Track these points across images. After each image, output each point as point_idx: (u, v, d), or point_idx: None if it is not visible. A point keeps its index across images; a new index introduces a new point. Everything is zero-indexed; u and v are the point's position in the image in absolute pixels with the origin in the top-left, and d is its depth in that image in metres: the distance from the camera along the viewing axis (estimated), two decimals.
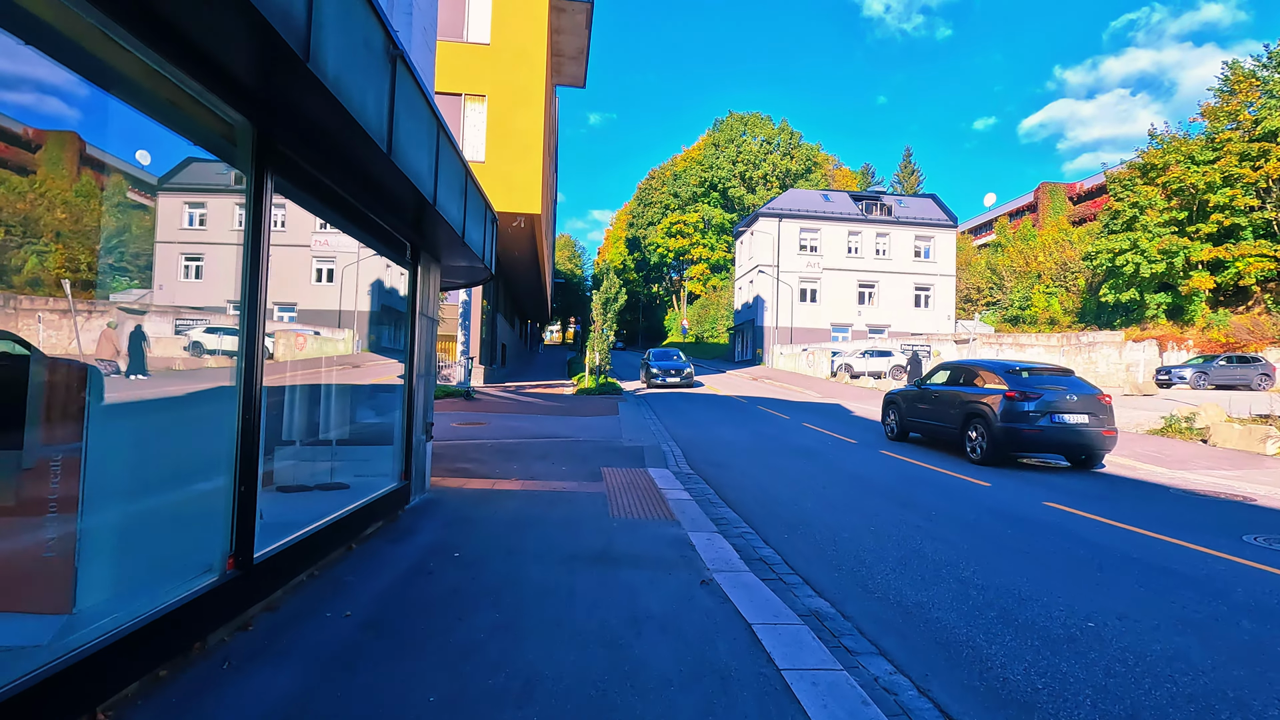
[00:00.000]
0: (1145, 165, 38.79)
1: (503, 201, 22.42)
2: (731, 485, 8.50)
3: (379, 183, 4.03)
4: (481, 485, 7.71)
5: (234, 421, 3.08)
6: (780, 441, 12.72)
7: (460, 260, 6.84)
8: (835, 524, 6.52)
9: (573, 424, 13.97)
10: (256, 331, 3.14)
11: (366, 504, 5.23)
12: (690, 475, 9.06)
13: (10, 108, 2.44)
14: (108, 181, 2.91)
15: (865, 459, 10.88)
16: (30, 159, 2.62)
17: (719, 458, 10.67)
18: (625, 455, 10.31)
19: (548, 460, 9.65)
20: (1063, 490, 8.61)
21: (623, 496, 7.40)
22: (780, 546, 5.72)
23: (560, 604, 3.99)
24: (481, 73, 22.64)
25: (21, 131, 2.56)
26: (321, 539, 4.41)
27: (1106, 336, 38.14)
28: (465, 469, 8.72)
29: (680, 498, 7.52)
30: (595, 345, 25.38)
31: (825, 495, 7.94)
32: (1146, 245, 37.27)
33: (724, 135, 77.49)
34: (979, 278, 57.80)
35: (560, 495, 7.31)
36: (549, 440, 11.51)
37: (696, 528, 6.13)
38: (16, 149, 2.57)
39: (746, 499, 7.72)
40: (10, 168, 2.51)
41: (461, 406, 16.62)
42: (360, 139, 3.28)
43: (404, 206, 4.66)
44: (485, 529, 5.70)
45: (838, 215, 48.28)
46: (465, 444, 10.87)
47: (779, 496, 7.86)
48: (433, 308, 6.70)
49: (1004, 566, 5.22)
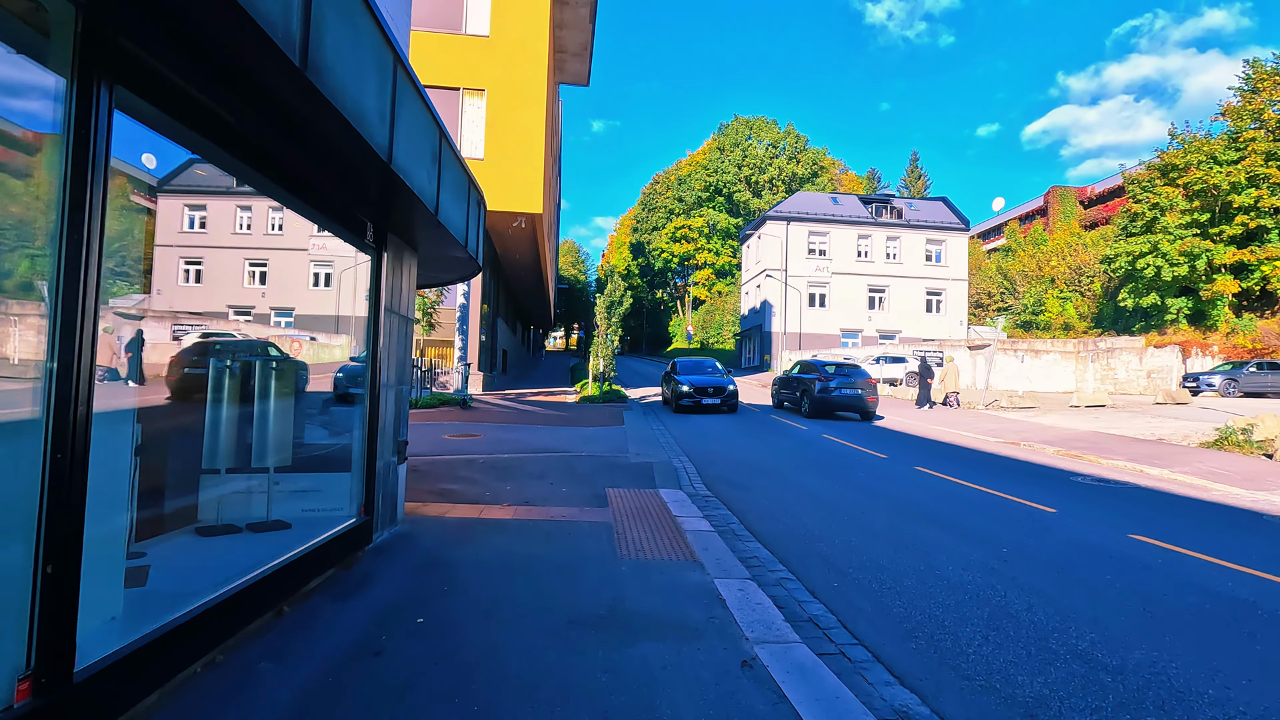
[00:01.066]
0: (1165, 166, 37.60)
1: (503, 200, 21.39)
2: (756, 511, 7.36)
3: (300, 119, 2.93)
4: (466, 513, 6.59)
5: (35, 469, 1.98)
6: (801, 456, 11.58)
7: (443, 249, 5.74)
8: (891, 565, 5.38)
9: (575, 436, 12.85)
10: (80, 333, 2.05)
11: (312, 549, 4.12)
12: (707, 498, 7.93)
13: None
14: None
15: (899, 477, 9.73)
16: None
17: (737, 476, 9.53)
18: (633, 473, 9.19)
19: (546, 480, 8.53)
20: (1144, 522, 7.46)
21: (632, 527, 6.27)
22: (831, 599, 4.59)
23: (552, 707, 2.87)
24: (480, 66, 21.65)
25: None
26: (238, 604, 3.30)
27: (1125, 342, 36.90)
28: (451, 491, 7.61)
29: (699, 528, 6.39)
30: (599, 351, 24.24)
31: (866, 523, 6.80)
32: (1167, 248, 36.06)
33: (729, 139, 76.51)
34: (990, 282, 56.59)
35: (559, 526, 6.19)
36: (548, 455, 10.39)
37: (724, 571, 5.00)
38: None
39: (776, 529, 6.58)
40: None
41: (456, 416, 15.52)
42: (253, 39, 2.18)
43: (349, 165, 3.56)
44: (463, 577, 4.59)
45: (847, 218, 47.14)
46: (455, 460, 9.76)
47: (813, 526, 6.72)
48: (406, 304, 5.60)
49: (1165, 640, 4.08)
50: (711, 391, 18.92)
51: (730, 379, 19.83)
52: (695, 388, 18.91)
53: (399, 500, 5.68)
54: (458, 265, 6.45)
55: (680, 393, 18.96)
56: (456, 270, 6.77)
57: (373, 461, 4.86)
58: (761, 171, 74.76)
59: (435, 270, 6.73)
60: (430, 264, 6.38)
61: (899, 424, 17.48)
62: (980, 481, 9.39)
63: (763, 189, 74.29)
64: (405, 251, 5.54)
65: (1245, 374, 27.88)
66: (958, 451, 12.64)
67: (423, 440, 11.63)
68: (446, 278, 7.45)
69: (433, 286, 7.80)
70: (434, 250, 5.78)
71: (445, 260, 6.19)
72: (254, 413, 4.25)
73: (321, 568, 4.27)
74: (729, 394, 19.03)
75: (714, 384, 19.18)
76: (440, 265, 6.46)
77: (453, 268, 6.63)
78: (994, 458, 12.00)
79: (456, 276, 7.32)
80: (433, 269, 6.71)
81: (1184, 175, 36.38)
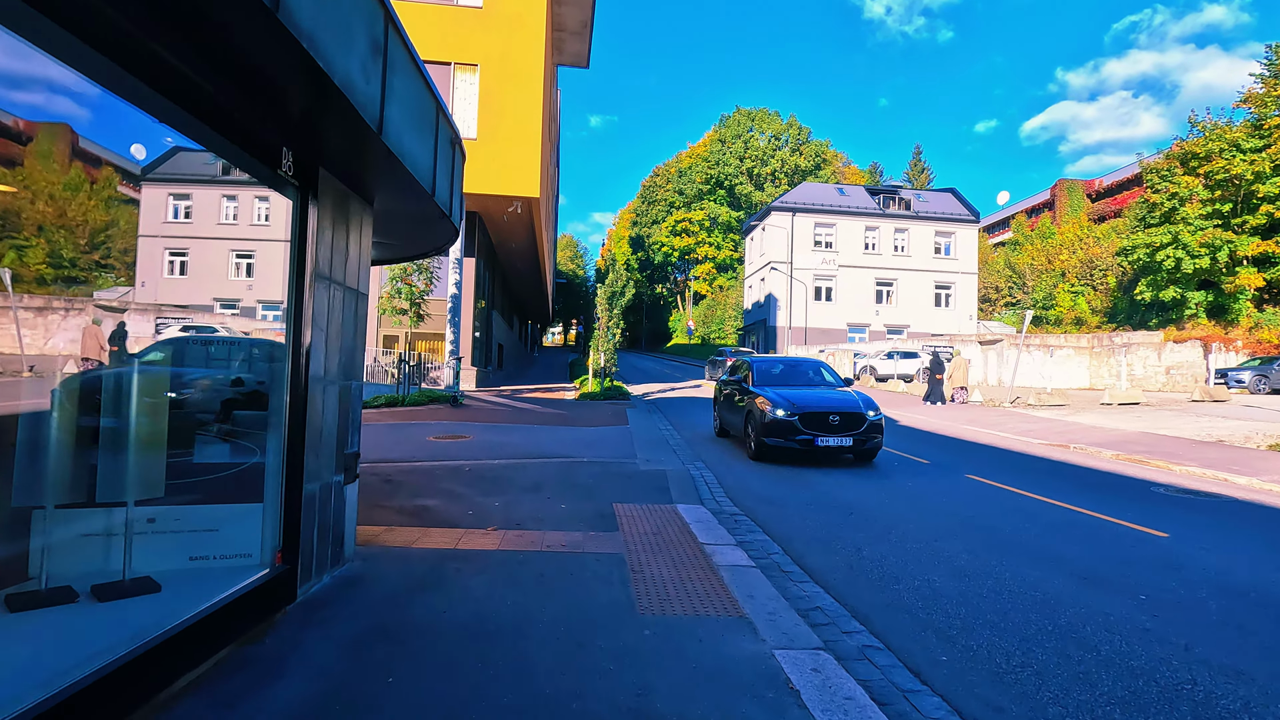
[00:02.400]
0: (1185, 154, 36.22)
1: (497, 184, 19.97)
2: (800, 535, 6.00)
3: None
4: (441, 541, 5.21)
5: None
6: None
7: (405, 199, 4.35)
8: (1007, 625, 4.01)
9: (575, 438, 11.46)
10: None
11: (191, 624, 2.74)
12: (737, 517, 6.57)
13: None
14: None
15: (954, 488, 8.37)
16: None
17: (767, 489, 8.16)
18: (644, 483, 7.82)
19: (542, 493, 7.16)
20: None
21: (651, 560, 4.90)
22: (950, 687, 3.22)
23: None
24: (473, 39, 20.20)
25: None
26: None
27: (1143, 337, 35.57)
28: (426, 510, 6.23)
29: (735, 561, 5.02)
30: (600, 345, 22.78)
31: (943, 555, 5.43)
32: (1188, 239, 34.70)
33: (730, 131, 74.94)
34: (998, 276, 55.20)
35: (557, 561, 4.81)
36: (545, 462, 9.01)
37: (783, 635, 3.63)
38: None
39: (832, 562, 5.22)
40: None
41: (446, 415, 14.12)
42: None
43: (239, 47, 2.18)
44: (421, 654, 3.21)
45: (854, 209, 45.71)
46: (437, 467, 8.38)
47: (875, 557, 5.35)
48: (354, 272, 4.21)
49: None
50: (836, 422, 9.73)
51: (872, 404, 10.27)
52: (803, 411, 9.78)
53: (345, 532, 4.30)
54: (427, 227, 5.05)
55: (770, 422, 9.81)
56: (428, 235, 5.36)
57: (297, 486, 3.48)
58: (764, 164, 73.23)
59: (401, 233, 5.32)
60: (394, 224, 4.99)
61: (923, 422, 16.12)
62: (1050, 494, 8.03)
63: (765, 182, 72.77)
64: (352, 202, 4.15)
65: (1275, 370, 26.57)
66: (1005, 455, 11.28)
67: (403, 443, 10.25)
68: (418, 248, 6.04)
69: (405, 259, 6.38)
70: (394, 200, 4.39)
71: (410, 219, 4.79)
72: (101, 426, 2.87)
73: (208, 649, 2.89)
74: (868, 427, 9.81)
75: (838, 405, 9.96)
76: (406, 226, 5.06)
77: (422, 232, 5.23)
78: (1048, 463, 10.65)
79: (429, 246, 5.90)
80: (399, 233, 5.31)
81: (1205, 164, 34.99)
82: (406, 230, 5.18)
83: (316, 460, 3.75)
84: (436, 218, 4.71)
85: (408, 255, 6.46)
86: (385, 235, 5.23)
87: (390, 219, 4.81)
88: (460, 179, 4.97)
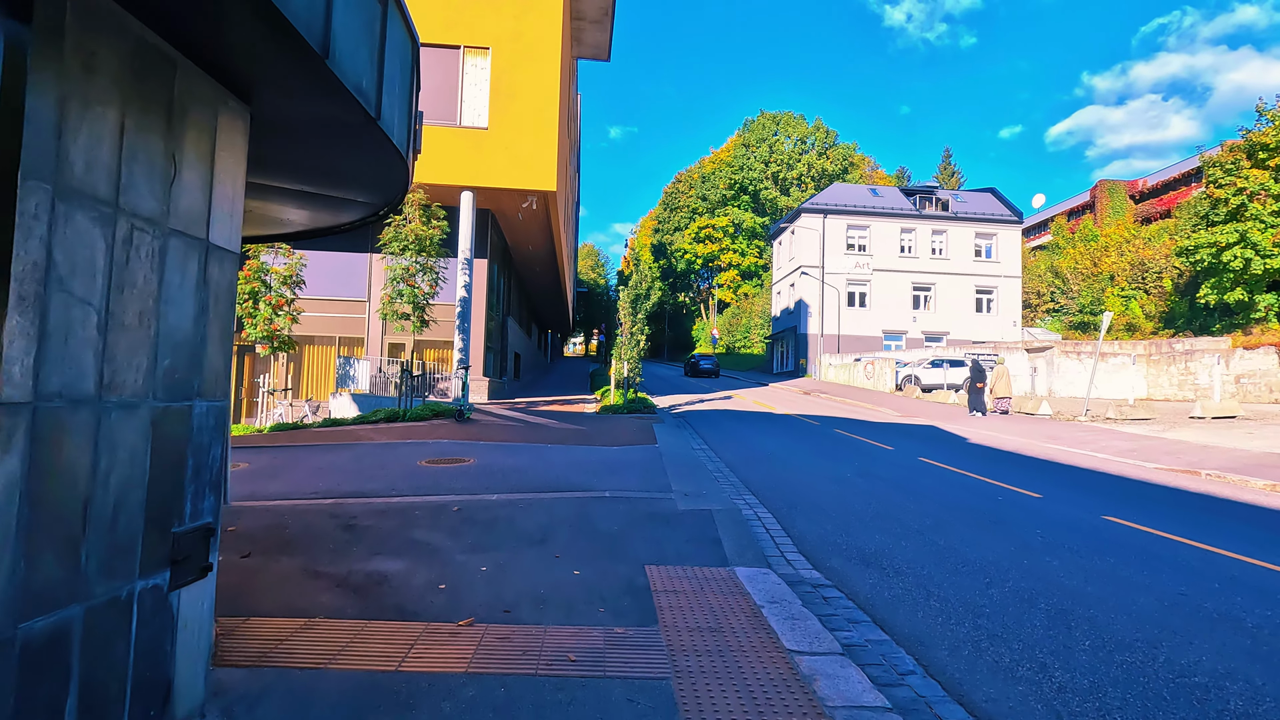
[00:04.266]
0: (1251, 146, 33.48)
1: (511, 177, 18.23)
2: (935, 630, 3.98)
3: None
4: (380, 651, 3.28)
5: None
6: (919, 492, 8.14)
7: (298, 87, 2.49)
8: None
9: (595, 461, 9.50)
10: None
11: None
12: (828, 591, 4.58)
13: None
14: None
15: (1113, 541, 6.29)
16: None
17: (853, 536, 6.14)
18: (684, 532, 5.85)
19: (548, 547, 5.24)
20: None
21: (711, 689, 2.93)
22: None
23: None
24: (484, 20, 18.54)
25: None
26: None
27: (1207, 343, 32.72)
28: (381, 581, 4.33)
29: (852, 695, 3.04)
30: (622, 353, 20.82)
31: (1178, 667, 3.39)
32: (1258, 237, 31.96)
33: (755, 135, 72.95)
34: (1038, 281, 52.31)
35: (561, 697, 2.87)
36: (555, 498, 7.08)
37: None
38: None
39: (1016, 692, 3.21)
40: None
41: (447, 432, 12.27)
42: None
43: None
44: None
45: (888, 210, 43.37)
46: (418, 505, 6.49)
47: (1079, 685, 3.33)
48: (194, 207, 2.34)
49: None
50: None
51: None
52: None
53: (175, 676, 2.39)
54: (348, 151, 3.14)
55: None
56: (351, 168, 3.45)
57: None
58: (789, 168, 71.11)
59: (303, 163, 3.42)
60: (298, 139, 3.10)
61: (990, 438, 13.90)
62: (1236, 548, 5.92)
63: (791, 186, 70.61)
64: (196, 80, 2.27)
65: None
66: (1127, 486, 9.11)
67: (387, 469, 8.39)
68: (345, 193, 4.05)
69: (334, 228, 4.38)
70: (277, 93, 2.50)
71: (315, 128, 2.91)
72: None
73: None
74: None
75: None
76: (315, 143, 3.16)
77: (341, 159, 3.32)
78: (1191, 496, 8.46)
79: (363, 194, 3.96)
80: (299, 164, 3.43)
81: (1276, 156, 32.27)
82: (309, 154, 3.26)
83: (73, 555, 1.86)
84: (360, 127, 2.81)
85: (339, 223, 4.46)
86: (278, 168, 3.35)
87: (276, 134, 2.92)
88: (409, 70, 3.08)
